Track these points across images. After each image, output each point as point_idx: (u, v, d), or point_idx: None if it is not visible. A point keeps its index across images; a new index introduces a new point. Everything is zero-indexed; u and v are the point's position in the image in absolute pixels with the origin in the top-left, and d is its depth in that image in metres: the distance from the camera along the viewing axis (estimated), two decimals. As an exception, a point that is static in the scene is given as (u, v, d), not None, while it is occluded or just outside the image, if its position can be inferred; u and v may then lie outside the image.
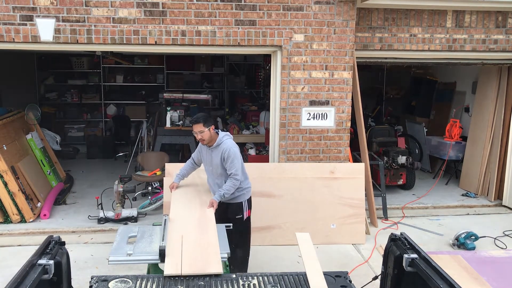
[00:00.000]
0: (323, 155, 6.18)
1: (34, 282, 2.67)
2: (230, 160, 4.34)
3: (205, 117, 4.39)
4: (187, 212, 4.13)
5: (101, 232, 6.10)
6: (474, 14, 6.44)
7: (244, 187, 4.56)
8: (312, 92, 6.05)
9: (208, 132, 4.36)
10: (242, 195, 4.55)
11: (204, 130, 4.34)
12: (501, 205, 7.34)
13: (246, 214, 4.58)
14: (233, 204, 4.51)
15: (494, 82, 7.48)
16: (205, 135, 4.36)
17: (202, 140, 4.41)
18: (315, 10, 5.85)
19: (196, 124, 4.35)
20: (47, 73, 11.38)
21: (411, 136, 9.41)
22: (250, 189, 4.67)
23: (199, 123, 4.33)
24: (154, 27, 5.62)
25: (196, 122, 4.35)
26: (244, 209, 4.57)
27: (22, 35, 5.48)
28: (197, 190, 4.75)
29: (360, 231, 5.96)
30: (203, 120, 4.34)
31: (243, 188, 4.55)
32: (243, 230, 4.61)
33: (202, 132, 4.34)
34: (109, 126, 10.83)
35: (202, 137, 4.37)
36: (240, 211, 4.53)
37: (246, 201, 4.59)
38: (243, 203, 4.56)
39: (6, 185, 6.18)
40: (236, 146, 4.47)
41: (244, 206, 4.56)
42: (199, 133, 4.36)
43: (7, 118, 7.18)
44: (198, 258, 3.34)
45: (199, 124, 4.33)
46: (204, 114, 4.51)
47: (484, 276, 4.91)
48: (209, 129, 4.35)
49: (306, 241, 3.81)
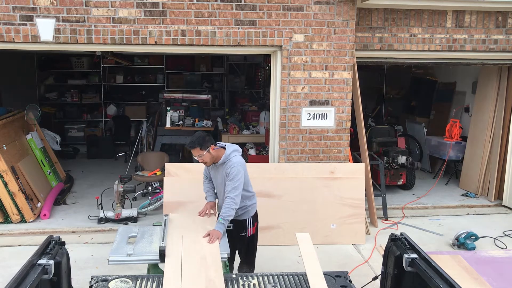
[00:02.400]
0: (323, 155, 6.18)
1: (34, 282, 2.68)
2: (231, 177, 4.03)
3: (201, 140, 4.02)
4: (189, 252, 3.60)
5: (101, 232, 6.10)
6: (474, 14, 6.44)
7: (248, 205, 4.28)
8: (312, 92, 6.05)
9: (208, 153, 4.05)
10: (245, 213, 4.27)
11: (203, 154, 4.03)
12: (501, 205, 7.33)
13: (250, 231, 4.29)
14: (236, 221, 4.20)
15: (494, 82, 7.48)
16: (205, 157, 4.06)
17: (205, 162, 4.13)
18: (315, 10, 5.85)
19: (193, 149, 4.05)
20: (47, 73, 11.38)
21: (411, 136, 9.41)
22: (255, 205, 4.39)
23: (195, 148, 4.02)
24: (154, 27, 5.62)
25: (192, 147, 4.04)
26: (248, 227, 4.28)
27: (22, 35, 5.48)
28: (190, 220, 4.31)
29: (360, 231, 5.96)
30: (199, 143, 4.01)
31: (247, 206, 4.27)
32: (248, 247, 4.36)
33: (201, 156, 4.05)
34: (109, 126, 10.83)
35: (203, 160, 4.09)
36: (244, 229, 4.26)
37: (251, 218, 4.30)
38: (247, 221, 4.28)
39: (6, 185, 6.18)
40: (242, 164, 4.13)
41: (248, 224, 4.28)
42: (198, 157, 4.08)
43: (7, 118, 7.17)
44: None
45: (195, 149, 4.03)
46: (199, 136, 4.06)
47: (484, 276, 4.91)
48: (208, 150, 4.03)
49: (306, 241, 3.81)
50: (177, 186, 5.80)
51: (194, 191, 5.81)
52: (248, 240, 4.31)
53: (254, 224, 4.35)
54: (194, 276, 3.19)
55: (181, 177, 5.87)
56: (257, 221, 4.41)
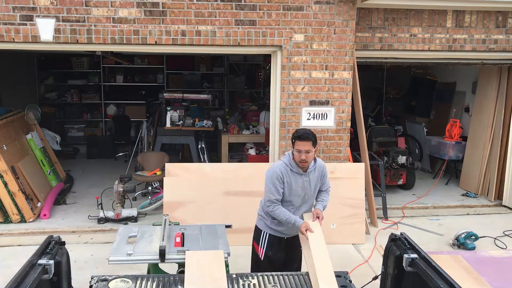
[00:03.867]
0: (323, 155, 6.18)
1: (34, 282, 2.67)
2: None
3: (315, 136, 3.61)
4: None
5: (101, 232, 6.10)
6: (474, 14, 6.44)
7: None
8: (312, 92, 6.05)
9: (313, 153, 3.62)
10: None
11: (312, 150, 3.58)
12: (501, 205, 7.33)
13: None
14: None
15: (494, 82, 7.48)
16: (310, 156, 3.60)
17: (305, 162, 3.62)
18: (315, 10, 5.85)
19: (306, 141, 3.54)
20: (47, 73, 11.37)
21: (411, 136, 9.42)
22: None
23: (309, 140, 3.54)
24: (154, 27, 5.62)
25: (307, 139, 3.54)
26: None
27: (22, 35, 5.48)
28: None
29: (360, 231, 5.96)
30: (314, 137, 3.57)
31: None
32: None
33: (309, 151, 3.57)
34: (109, 126, 10.83)
35: (306, 158, 3.59)
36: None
37: None
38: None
39: (6, 185, 6.18)
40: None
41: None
42: (305, 153, 3.56)
43: (7, 118, 7.17)
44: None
45: (309, 142, 3.54)
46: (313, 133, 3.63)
47: (484, 276, 4.91)
48: (315, 149, 3.62)
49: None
50: (177, 186, 5.80)
51: (194, 191, 5.83)
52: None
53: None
54: None
55: (181, 177, 5.87)
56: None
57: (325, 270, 3.24)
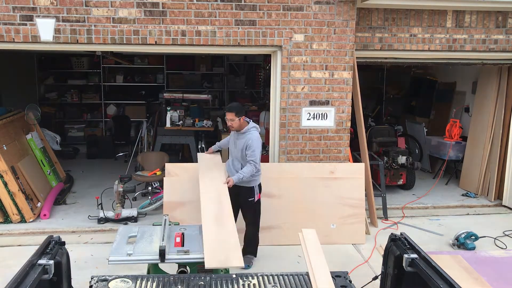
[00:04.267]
0: (323, 155, 6.18)
1: (34, 282, 2.67)
2: (252, 149, 4.87)
3: (238, 108, 4.95)
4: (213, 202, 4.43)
5: (101, 232, 6.10)
6: (474, 14, 6.44)
7: (256, 175, 5.06)
8: (312, 92, 6.05)
9: (238, 121, 4.91)
10: (254, 181, 5.06)
11: (234, 119, 4.88)
12: (501, 205, 7.33)
13: (256, 197, 5.10)
14: (245, 188, 5.03)
15: (494, 82, 7.48)
16: (234, 123, 4.91)
17: (232, 127, 4.96)
18: (315, 10, 5.85)
19: (230, 113, 4.89)
20: (47, 73, 11.38)
21: (411, 136, 9.41)
22: (260, 177, 5.18)
23: (232, 112, 4.88)
24: (154, 27, 5.62)
25: (230, 111, 4.90)
26: (255, 193, 5.08)
27: (22, 35, 5.48)
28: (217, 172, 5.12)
29: (360, 231, 5.96)
30: (236, 110, 4.89)
31: (255, 175, 5.03)
32: (255, 210, 5.18)
33: (232, 120, 4.89)
34: (109, 126, 10.83)
35: (231, 124, 4.92)
36: (252, 195, 5.06)
37: (257, 186, 5.11)
38: (254, 188, 5.07)
39: (6, 185, 6.18)
40: (259, 139, 5.00)
41: (254, 190, 5.07)
42: (230, 121, 4.91)
43: (7, 118, 7.17)
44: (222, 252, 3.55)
45: (232, 113, 4.88)
46: (237, 105, 5.06)
47: (484, 276, 4.91)
48: (239, 119, 4.90)
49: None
50: (177, 186, 5.80)
51: (194, 191, 5.82)
52: (255, 205, 5.14)
53: (259, 192, 5.16)
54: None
55: (181, 177, 5.87)
56: (260, 191, 5.21)
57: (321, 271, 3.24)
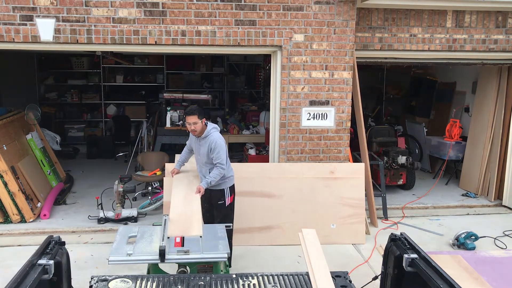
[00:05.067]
0: (323, 155, 6.18)
1: (34, 282, 2.67)
2: (217, 151, 4.62)
3: (200, 110, 4.66)
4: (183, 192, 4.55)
5: (101, 232, 6.10)
6: (474, 14, 6.44)
7: (227, 176, 4.83)
8: (312, 92, 6.05)
9: (201, 124, 4.64)
10: (224, 183, 4.83)
11: (197, 122, 4.60)
12: (501, 205, 7.33)
13: (228, 200, 4.87)
14: (216, 191, 4.80)
15: (494, 82, 7.48)
16: (198, 126, 4.62)
17: (194, 131, 4.66)
18: (315, 10, 5.85)
19: (191, 116, 4.59)
20: (47, 73, 11.39)
21: (411, 136, 9.41)
22: (232, 178, 4.96)
23: (194, 114, 4.58)
24: (154, 27, 5.62)
25: (192, 114, 4.59)
26: (226, 196, 4.86)
27: (22, 35, 5.48)
28: (192, 176, 5.07)
29: (360, 231, 5.96)
30: (198, 112, 4.61)
31: (226, 177, 4.83)
32: (226, 214, 4.90)
33: (196, 123, 4.60)
34: (109, 126, 10.83)
35: (195, 128, 4.63)
36: (222, 197, 4.83)
37: (228, 188, 4.87)
38: (225, 190, 4.85)
39: (6, 185, 6.18)
40: (222, 139, 4.76)
41: (226, 193, 4.85)
42: (193, 124, 4.60)
43: (7, 118, 7.17)
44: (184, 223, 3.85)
45: (194, 116, 4.58)
46: (198, 107, 4.77)
47: (484, 276, 4.91)
48: (201, 121, 4.63)
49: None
50: (177, 186, 5.79)
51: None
52: (226, 209, 4.86)
53: (232, 195, 4.91)
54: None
55: (181, 177, 5.87)
56: (234, 193, 4.96)
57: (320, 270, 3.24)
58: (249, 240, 5.73)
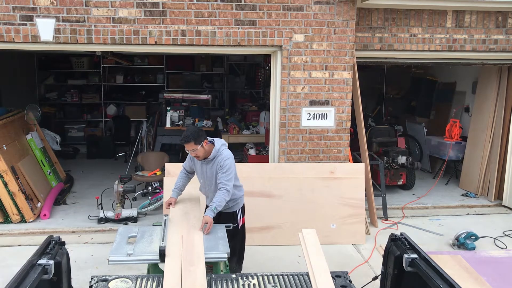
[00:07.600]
0: (323, 155, 6.18)
1: (34, 282, 2.67)
2: (224, 170, 4.10)
3: (195, 134, 4.06)
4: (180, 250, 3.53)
5: (101, 232, 6.10)
6: (474, 14, 6.44)
7: (237, 197, 4.38)
8: (312, 92, 6.05)
9: (202, 148, 4.09)
10: (235, 205, 4.37)
11: (197, 148, 4.08)
12: (501, 205, 7.33)
13: (240, 222, 4.42)
14: (225, 214, 4.29)
15: (494, 82, 7.48)
16: (199, 152, 4.11)
17: (197, 157, 4.17)
18: (315, 10, 5.85)
19: (187, 144, 4.07)
20: (47, 73, 11.38)
21: (411, 136, 9.41)
22: (243, 197, 4.50)
23: (189, 142, 4.05)
24: (154, 27, 5.62)
25: (187, 142, 4.06)
26: (238, 218, 4.40)
27: (22, 35, 5.48)
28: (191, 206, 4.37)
29: (360, 231, 5.96)
30: (193, 138, 4.05)
31: (237, 198, 4.37)
32: (238, 238, 4.44)
33: (195, 150, 4.09)
34: (109, 126, 10.83)
35: (196, 154, 4.13)
36: (235, 220, 4.34)
37: (240, 210, 4.42)
38: (237, 212, 4.39)
39: (6, 185, 6.18)
40: (232, 157, 4.24)
41: (238, 215, 4.39)
42: (192, 152, 4.12)
43: (7, 118, 7.17)
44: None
45: (190, 144, 4.06)
46: (193, 131, 4.11)
47: (484, 276, 4.91)
48: (202, 145, 4.08)
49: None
50: (177, 186, 5.77)
51: (194, 191, 5.82)
52: (240, 231, 4.42)
53: (243, 216, 4.46)
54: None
55: (181, 177, 5.85)
56: (244, 213, 4.49)
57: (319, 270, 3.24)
58: (249, 240, 5.70)
